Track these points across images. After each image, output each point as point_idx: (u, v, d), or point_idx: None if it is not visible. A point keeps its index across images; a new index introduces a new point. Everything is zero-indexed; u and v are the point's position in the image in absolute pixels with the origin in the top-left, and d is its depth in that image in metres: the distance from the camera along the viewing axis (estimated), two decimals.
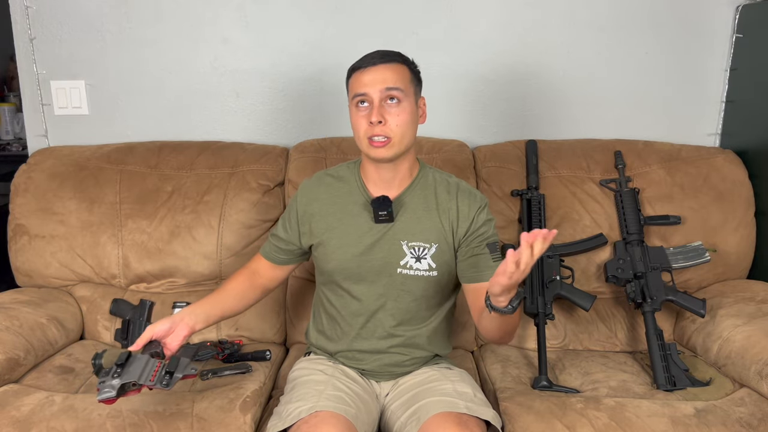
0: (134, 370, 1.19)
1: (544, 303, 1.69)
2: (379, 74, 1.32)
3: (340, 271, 1.42)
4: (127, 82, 2.04)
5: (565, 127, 2.06)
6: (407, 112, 1.33)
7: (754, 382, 1.45)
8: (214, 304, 1.44)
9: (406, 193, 1.42)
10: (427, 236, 1.40)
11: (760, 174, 1.88)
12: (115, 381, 1.16)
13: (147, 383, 1.18)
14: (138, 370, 1.19)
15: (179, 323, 1.32)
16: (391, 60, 1.34)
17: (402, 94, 1.32)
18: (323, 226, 1.43)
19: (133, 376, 1.18)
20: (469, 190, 1.45)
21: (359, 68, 1.35)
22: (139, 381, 1.18)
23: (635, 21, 2.01)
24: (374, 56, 1.35)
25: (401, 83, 1.33)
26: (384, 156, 1.33)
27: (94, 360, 1.28)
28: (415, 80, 1.38)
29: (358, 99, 1.34)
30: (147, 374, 1.19)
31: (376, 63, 1.33)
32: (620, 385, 1.56)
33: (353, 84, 1.36)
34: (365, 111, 1.33)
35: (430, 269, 1.40)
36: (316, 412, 1.24)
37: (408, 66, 1.37)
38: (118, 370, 1.18)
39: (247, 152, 1.93)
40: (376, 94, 1.31)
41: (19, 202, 1.87)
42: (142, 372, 1.19)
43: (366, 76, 1.33)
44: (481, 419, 1.29)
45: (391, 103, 1.32)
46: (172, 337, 1.31)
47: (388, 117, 1.31)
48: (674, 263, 1.77)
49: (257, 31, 2.01)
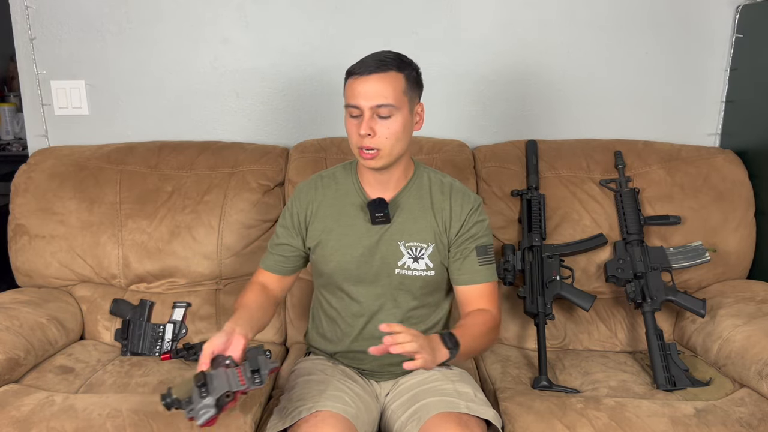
0: (219, 383, 1.11)
1: (544, 303, 1.69)
2: (372, 87, 1.29)
3: (339, 273, 1.42)
4: (127, 82, 2.04)
5: (565, 127, 2.06)
6: (398, 124, 1.31)
7: (754, 382, 1.45)
8: (247, 319, 1.31)
9: (402, 194, 1.42)
10: (423, 236, 1.40)
11: (760, 174, 1.88)
12: (208, 400, 1.09)
13: (240, 389, 1.12)
14: (223, 382, 1.12)
15: (233, 334, 1.21)
16: (386, 68, 1.30)
17: (393, 109, 1.30)
18: (321, 228, 1.43)
19: (223, 387, 1.11)
20: (462, 190, 1.44)
21: (354, 74, 1.32)
22: (232, 389, 1.11)
23: (635, 21, 2.01)
24: (370, 64, 1.31)
25: (392, 98, 1.29)
26: (373, 166, 1.34)
27: (164, 400, 1.13)
28: (411, 88, 1.34)
29: (351, 111, 1.33)
30: (235, 382, 1.12)
31: (371, 72, 1.30)
32: (620, 385, 1.56)
33: (347, 91, 1.34)
34: (356, 121, 1.32)
35: (427, 269, 1.41)
36: (316, 412, 1.24)
37: (404, 73, 1.33)
38: (202, 391, 1.10)
39: (247, 152, 1.93)
40: (367, 109, 1.30)
41: (19, 202, 1.87)
42: (228, 382, 1.12)
43: (358, 87, 1.30)
44: (482, 419, 1.29)
45: (381, 117, 1.30)
46: (232, 349, 1.20)
47: (378, 129, 1.30)
48: (674, 263, 1.77)
49: (257, 31, 2.01)
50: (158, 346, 1.76)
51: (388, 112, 1.30)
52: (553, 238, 1.82)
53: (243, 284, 1.82)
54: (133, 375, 1.60)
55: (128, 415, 1.34)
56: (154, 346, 1.76)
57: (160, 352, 1.75)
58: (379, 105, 1.29)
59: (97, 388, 1.54)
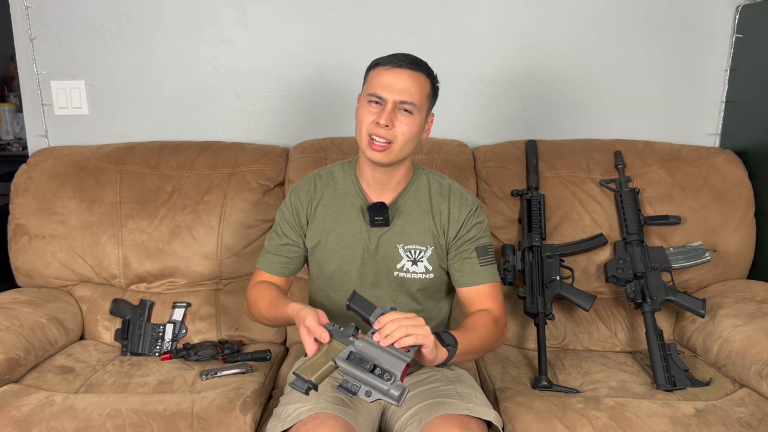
0: (372, 355, 1.08)
1: (544, 303, 1.69)
2: (402, 81, 1.29)
3: (338, 275, 1.42)
4: (127, 82, 2.04)
5: (565, 127, 2.06)
6: (416, 125, 1.31)
7: (754, 382, 1.45)
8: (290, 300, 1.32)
9: (402, 197, 1.41)
10: (423, 239, 1.40)
11: (760, 174, 1.88)
12: (387, 384, 1.05)
13: (405, 356, 1.09)
14: (374, 353, 1.08)
15: (314, 309, 1.20)
16: (419, 69, 1.31)
17: (416, 108, 1.30)
18: (320, 228, 1.42)
19: (390, 363, 1.07)
20: (460, 192, 1.44)
21: (384, 65, 1.31)
22: (406, 358, 1.08)
23: (635, 21, 2.01)
24: (402, 59, 1.31)
25: (418, 98, 1.30)
26: (380, 160, 1.32)
27: (303, 386, 1.09)
28: (432, 96, 1.35)
29: (372, 98, 1.31)
30: (388, 351, 1.09)
31: (403, 66, 1.30)
32: (620, 385, 1.56)
33: (373, 79, 1.32)
34: (375, 109, 1.30)
35: (426, 272, 1.40)
36: (315, 414, 1.23)
37: (431, 79, 1.34)
38: (369, 367, 1.07)
39: (247, 152, 1.93)
40: (391, 101, 1.29)
41: (19, 202, 1.87)
42: (382, 352, 1.09)
43: (388, 78, 1.29)
44: (482, 420, 1.29)
45: (403, 112, 1.30)
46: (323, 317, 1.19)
47: (396, 123, 1.29)
48: (674, 263, 1.77)
49: (257, 31, 2.01)
50: (158, 346, 1.76)
51: (411, 108, 1.30)
52: (553, 238, 1.82)
53: (243, 284, 1.84)
54: (133, 375, 1.60)
55: (128, 415, 1.34)
56: (154, 346, 1.76)
57: (160, 352, 1.75)
58: (403, 101, 1.29)
59: (97, 388, 1.54)
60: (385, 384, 1.06)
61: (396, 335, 1.10)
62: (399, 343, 1.09)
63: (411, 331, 1.10)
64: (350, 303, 1.17)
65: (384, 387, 1.06)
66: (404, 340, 1.10)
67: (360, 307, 1.17)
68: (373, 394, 1.06)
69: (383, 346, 1.10)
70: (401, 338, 1.10)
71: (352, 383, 1.07)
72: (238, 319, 1.81)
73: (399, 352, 1.09)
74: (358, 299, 1.18)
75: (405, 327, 1.10)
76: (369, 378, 1.07)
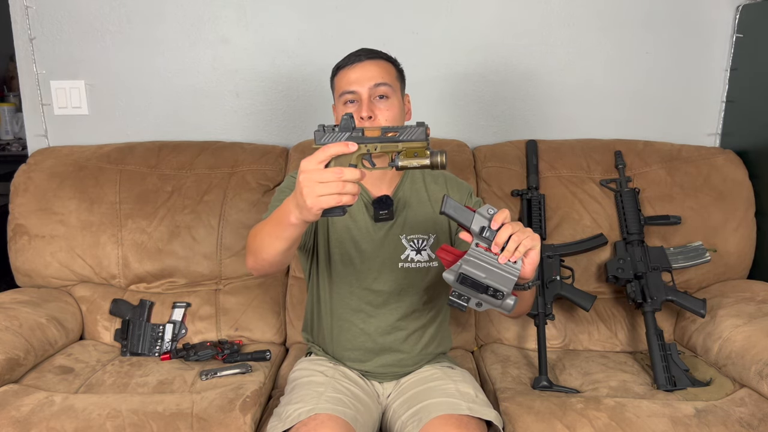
0: (482, 275, 1.08)
1: (544, 303, 1.69)
2: (367, 71, 1.33)
3: (343, 270, 1.42)
4: (127, 82, 2.04)
5: (566, 127, 2.05)
6: (396, 107, 1.34)
7: (755, 382, 1.45)
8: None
9: (399, 189, 1.43)
10: (425, 228, 1.42)
11: (760, 174, 1.88)
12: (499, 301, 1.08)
13: (514, 268, 1.08)
14: (483, 271, 1.07)
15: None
16: (376, 57, 1.36)
17: (390, 89, 1.34)
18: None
19: (501, 280, 1.07)
20: (455, 179, 1.50)
21: (345, 66, 1.35)
22: (515, 271, 1.08)
23: (635, 21, 2.01)
24: (359, 54, 1.36)
25: (389, 79, 1.34)
26: None
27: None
28: (399, 77, 1.40)
29: (346, 97, 1.33)
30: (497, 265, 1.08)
31: (362, 60, 1.34)
32: (620, 385, 1.56)
33: (340, 82, 1.35)
34: (353, 107, 1.33)
35: (429, 260, 1.42)
36: (315, 415, 1.23)
37: (393, 63, 1.39)
38: (482, 290, 1.08)
39: (246, 152, 1.93)
40: (365, 91, 1.32)
41: (19, 202, 1.87)
42: (491, 267, 1.08)
43: (353, 74, 1.33)
44: (483, 420, 1.29)
45: (380, 99, 1.33)
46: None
47: (377, 112, 1.32)
48: (674, 263, 1.77)
49: (257, 31, 2.01)
50: (158, 346, 1.75)
51: (386, 91, 1.32)
52: (554, 238, 1.82)
53: (243, 284, 1.84)
54: (133, 375, 1.60)
55: (128, 415, 1.34)
56: (154, 346, 1.75)
57: (159, 353, 1.74)
58: (377, 84, 1.32)
59: (97, 388, 1.54)
60: (497, 300, 1.09)
61: (511, 248, 1.07)
62: (514, 257, 1.08)
63: (521, 237, 1.08)
64: (444, 209, 1.10)
65: (497, 302, 1.09)
66: (517, 252, 1.08)
67: (456, 214, 1.10)
68: (484, 305, 1.10)
69: (501, 263, 1.08)
70: (515, 251, 1.08)
71: (463, 298, 1.10)
72: (238, 319, 1.81)
73: (508, 264, 1.09)
74: (451, 204, 1.11)
75: (517, 236, 1.08)
76: (481, 295, 1.09)
